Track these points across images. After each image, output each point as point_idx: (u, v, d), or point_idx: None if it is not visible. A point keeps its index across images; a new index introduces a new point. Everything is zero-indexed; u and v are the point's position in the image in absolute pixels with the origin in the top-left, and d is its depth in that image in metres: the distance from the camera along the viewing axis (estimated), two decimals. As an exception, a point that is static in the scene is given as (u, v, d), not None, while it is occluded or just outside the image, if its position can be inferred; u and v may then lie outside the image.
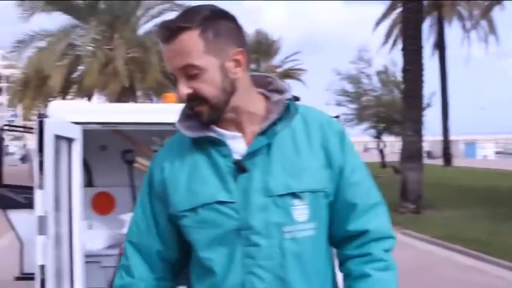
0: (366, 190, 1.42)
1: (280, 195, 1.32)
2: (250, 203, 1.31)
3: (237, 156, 1.34)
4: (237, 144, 1.36)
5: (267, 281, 1.31)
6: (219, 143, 1.35)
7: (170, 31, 1.30)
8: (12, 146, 51.27)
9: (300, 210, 1.32)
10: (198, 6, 1.35)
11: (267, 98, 1.41)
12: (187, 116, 1.39)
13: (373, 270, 1.36)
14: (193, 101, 1.33)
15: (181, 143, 1.41)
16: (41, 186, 2.70)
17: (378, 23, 27.02)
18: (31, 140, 5.14)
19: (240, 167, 1.33)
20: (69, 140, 3.34)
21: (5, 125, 5.86)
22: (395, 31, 25.84)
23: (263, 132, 1.34)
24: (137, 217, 1.46)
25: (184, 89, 1.32)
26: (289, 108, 1.36)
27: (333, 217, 1.40)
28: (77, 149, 3.40)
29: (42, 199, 2.70)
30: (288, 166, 1.34)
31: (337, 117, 3.24)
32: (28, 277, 4.32)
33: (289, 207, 1.32)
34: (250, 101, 1.38)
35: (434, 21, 27.62)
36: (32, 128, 6.46)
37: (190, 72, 1.31)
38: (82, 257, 3.38)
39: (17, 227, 4.25)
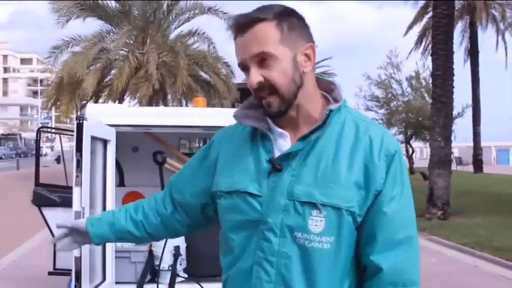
0: (396, 224, 1.34)
1: (301, 202, 1.33)
2: (274, 201, 1.36)
3: (278, 154, 1.38)
4: (284, 143, 1.40)
5: (272, 276, 1.34)
6: (266, 137, 1.41)
7: (247, 21, 1.34)
8: (45, 148, 52.44)
9: (316, 222, 1.32)
10: (270, 4, 1.40)
11: (328, 103, 1.43)
12: (251, 105, 1.45)
13: None
14: (263, 90, 1.35)
15: (243, 128, 1.48)
16: (78, 184, 2.87)
17: (409, 28, 26.82)
18: (64, 142, 5.38)
19: (273, 166, 1.37)
20: (104, 141, 3.51)
21: (41, 127, 6.11)
22: (427, 36, 25.57)
23: (304, 137, 1.37)
24: (187, 165, 1.66)
25: (256, 77, 1.34)
26: (327, 118, 1.37)
27: (358, 241, 1.37)
28: (111, 150, 3.57)
29: (79, 196, 2.87)
30: (319, 176, 1.34)
31: None
32: (60, 272, 4.49)
33: (306, 215, 1.33)
34: (312, 101, 1.40)
35: (467, 25, 27.24)
36: (65, 130, 6.68)
37: (264, 60, 1.33)
38: (113, 252, 3.55)
39: (50, 224, 4.40)
